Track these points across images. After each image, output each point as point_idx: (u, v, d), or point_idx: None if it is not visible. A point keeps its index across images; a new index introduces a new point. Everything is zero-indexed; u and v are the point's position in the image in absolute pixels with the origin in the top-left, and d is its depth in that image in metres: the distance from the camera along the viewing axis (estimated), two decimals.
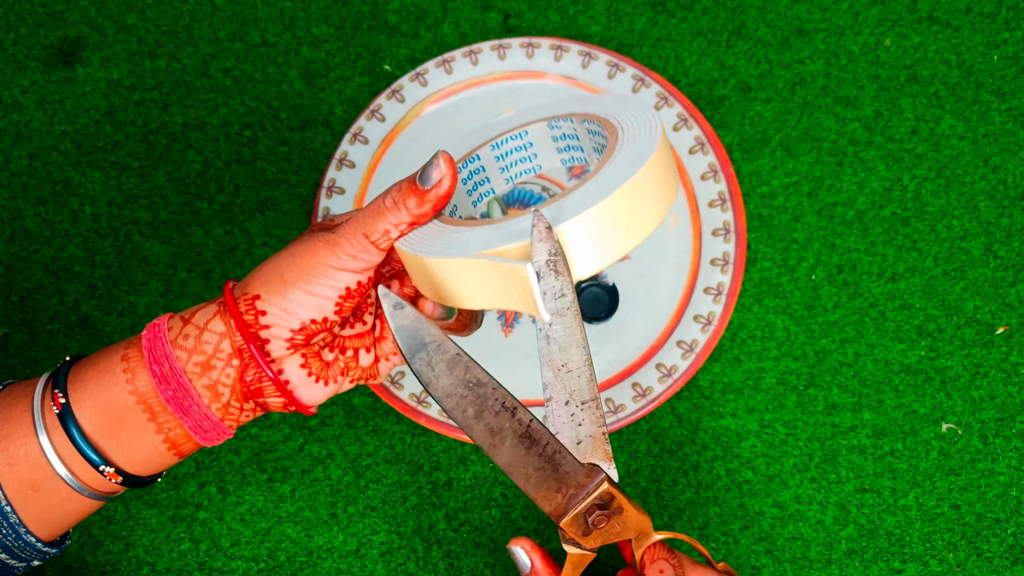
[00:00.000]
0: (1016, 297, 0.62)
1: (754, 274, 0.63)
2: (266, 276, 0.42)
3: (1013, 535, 0.58)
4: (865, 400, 0.61)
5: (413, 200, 0.41)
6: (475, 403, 0.40)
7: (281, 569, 0.59)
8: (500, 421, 0.40)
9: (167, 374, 0.41)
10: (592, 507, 0.41)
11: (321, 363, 0.44)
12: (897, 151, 0.66)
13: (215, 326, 0.41)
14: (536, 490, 0.41)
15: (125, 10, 0.70)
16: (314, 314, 0.41)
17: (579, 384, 0.41)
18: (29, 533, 0.43)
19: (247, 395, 0.42)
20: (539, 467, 0.41)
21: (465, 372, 0.40)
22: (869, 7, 0.69)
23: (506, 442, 0.40)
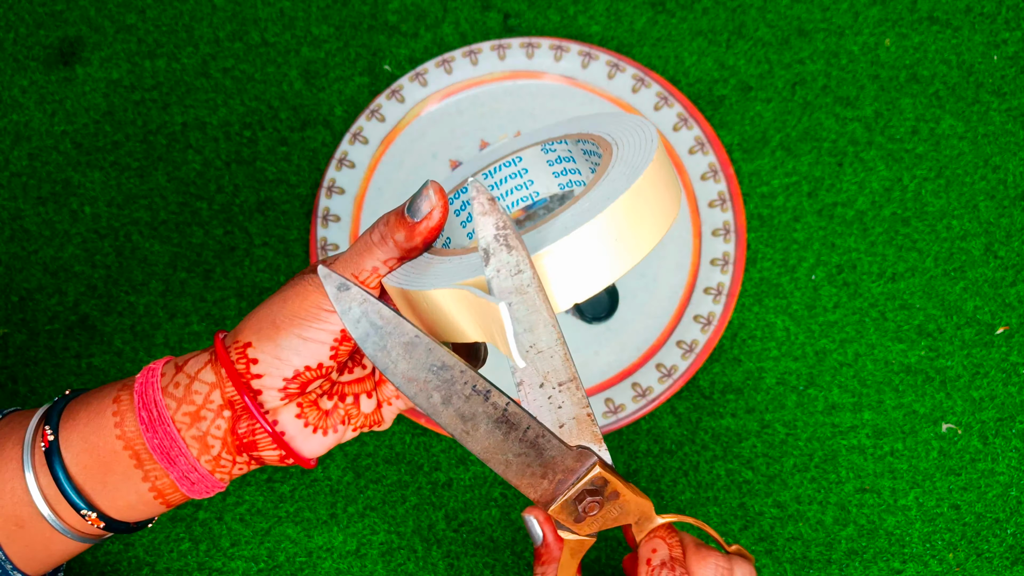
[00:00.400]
0: (1016, 297, 0.62)
1: (754, 274, 0.63)
2: (258, 323, 0.39)
3: (1013, 535, 0.58)
4: (865, 400, 0.61)
5: (402, 234, 0.39)
6: (441, 388, 0.36)
7: (281, 569, 0.59)
8: (472, 406, 0.37)
9: (154, 421, 0.39)
10: (583, 493, 0.38)
11: (319, 412, 0.41)
12: (897, 151, 0.66)
13: (205, 376, 0.39)
14: (518, 477, 0.38)
15: (125, 10, 0.70)
16: (308, 360, 0.39)
17: (553, 364, 0.38)
18: (16, 569, 0.42)
19: (240, 448, 0.40)
20: (520, 452, 0.38)
21: (427, 355, 0.36)
22: (869, 7, 0.69)
23: (480, 428, 0.37)
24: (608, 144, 0.42)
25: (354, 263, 0.39)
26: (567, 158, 0.46)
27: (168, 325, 0.64)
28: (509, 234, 0.36)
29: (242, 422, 0.39)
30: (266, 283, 0.64)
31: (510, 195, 0.48)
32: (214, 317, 0.64)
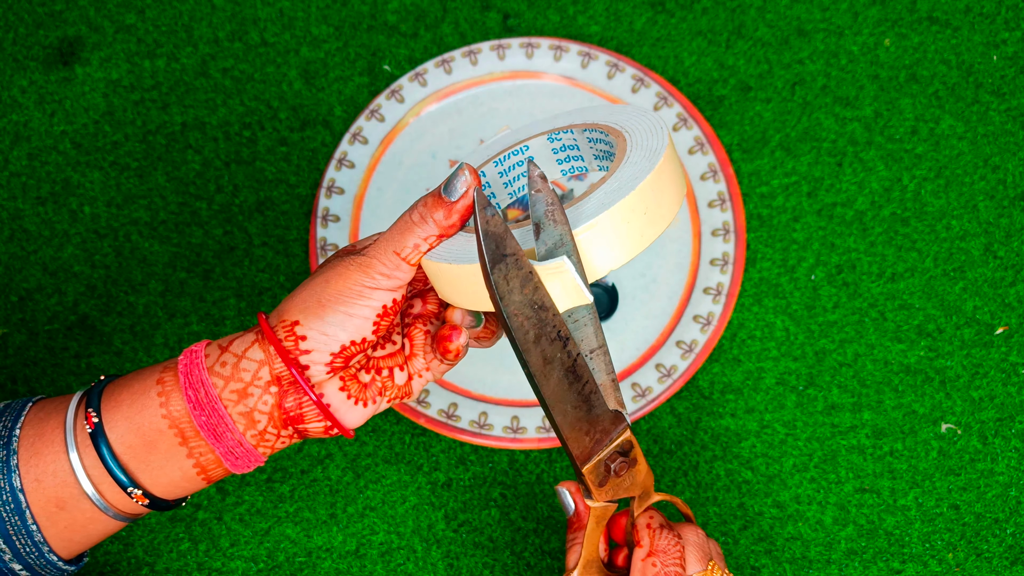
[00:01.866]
0: (1015, 297, 0.62)
1: (753, 274, 0.63)
2: (303, 302, 0.42)
3: (1012, 535, 0.58)
4: (864, 400, 0.61)
5: (441, 213, 0.42)
6: (537, 326, 0.39)
7: (280, 569, 0.59)
8: (554, 350, 0.40)
9: (202, 400, 0.41)
10: (614, 454, 0.42)
11: (359, 385, 0.44)
12: (897, 151, 0.66)
13: (253, 354, 0.42)
14: (570, 430, 0.41)
15: (124, 10, 0.70)
16: (354, 335, 0.42)
17: (586, 333, 0.41)
18: (52, 552, 0.43)
19: (286, 422, 0.42)
20: (576, 405, 0.41)
21: (533, 292, 0.39)
22: (869, 7, 0.69)
23: (555, 373, 0.40)
24: (619, 132, 0.45)
25: (396, 242, 0.42)
26: (571, 146, 0.49)
27: (167, 325, 0.64)
28: (556, 210, 0.40)
29: (289, 397, 0.42)
30: (265, 283, 0.64)
31: (517, 181, 0.50)
32: (213, 317, 0.64)
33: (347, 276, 0.42)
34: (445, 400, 0.61)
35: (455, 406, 0.61)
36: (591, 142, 0.48)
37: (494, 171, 0.49)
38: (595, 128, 0.47)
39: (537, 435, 0.59)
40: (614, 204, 0.40)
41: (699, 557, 0.43)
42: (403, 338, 0.46)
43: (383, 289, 0.42)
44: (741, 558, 0.58)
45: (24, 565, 0.43)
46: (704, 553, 0.43)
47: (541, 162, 0.50)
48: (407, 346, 0.46)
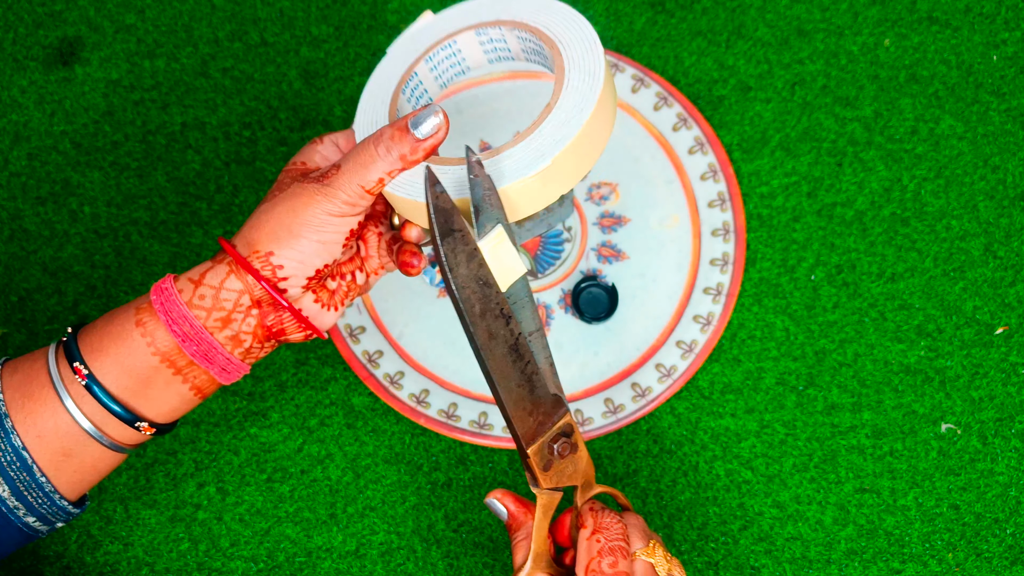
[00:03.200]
0: (1015, 297, 0.62)
1: (753, 274, 0.63)
2: (273, 232, 0.45)
3: (1012, 535, 0.58)
4: (864, 400, 0.61)
5: (407, 148, 0.44)
6: (482, 301, 0.41)
7: (280, 569, 0.59)
8: (498, 326, 0.42)
9: (189, 333, 0.44)
10: (557, 435, 0.43)
11: (329, 293, 0.48)
12: (897, 151, 0.66)
13: (232, 284, 0.44)
14: (515, 407, 0.42)
15: (124, 10, 0.70)
16: (327, 259, 0.46)
17: (524, 315, 0.44)
18: (63, 498, 0.46)
19: (268, 336, 0.46)
20: (520, 384, 0.42)
21: (478, 268, 0.41)
22: (868, 7, 0.69)
23: (499, 348, 0.42)
24: (552, 42, 0.48)
25: (360, 175, 0.44)
26: (499, 40, 0.51)
27: None
28: (492, 194, 0.44)
29: (270, 316, 0.46)
30: None
31: (445, 73, 0.53)
32: None
33: (314, 205, 0.44)
34: (445, 400, 0.61)
35: (455, 406, 0.61)
36: (521, 40, 0.50)
37: (426, 68, 0.51)
38: (525, 30, 0.49)
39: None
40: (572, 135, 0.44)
41: (640, 536, 0.44)
42: (358, 242, 0.50)
43: (348, 215, 0.45)
44: (741, 558, 0.58)
45: (38, 516, 0.46)
46: (645, 533, 0.45)
47: (469, 54, 0.52)
48: (362, 248, 0.50)
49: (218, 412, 0.62)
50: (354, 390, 0.62)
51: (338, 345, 0.62)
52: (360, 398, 0.62)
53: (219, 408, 0.62)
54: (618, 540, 0.43)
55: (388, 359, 0.62)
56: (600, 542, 0.43)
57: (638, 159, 0.66)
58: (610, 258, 0.64)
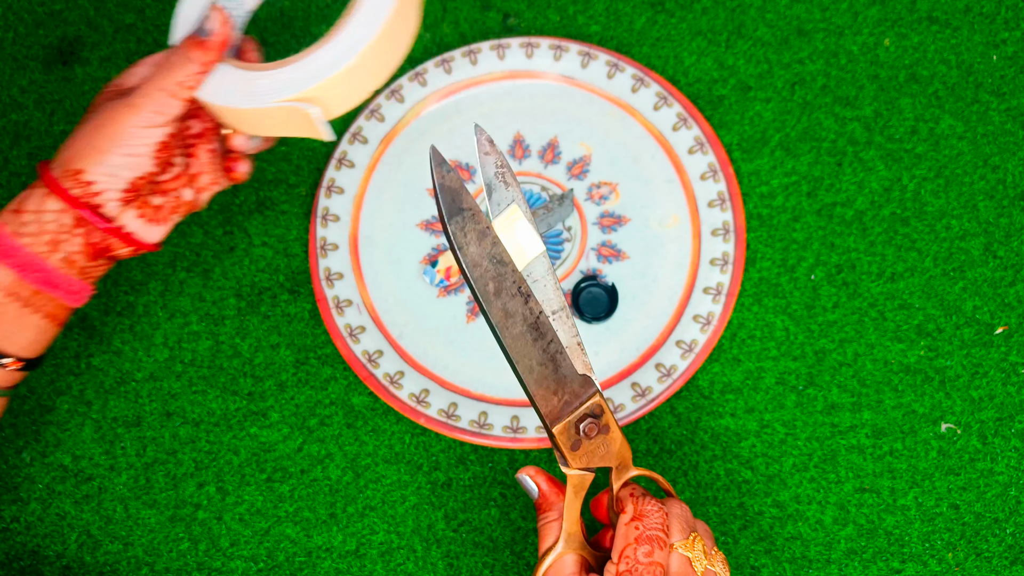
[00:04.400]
0: (1015, 297, 0.62)
1: (753, 274, 0.63)
2: (80, 150, 0.46)
3: (1012, 535, 0.58)
4: (864, 400, 0.61)
5: (198, 52, 0.48)
6: (496, 280, 0.41)
7: (280, 569, 0.59)
8: (515, 304, 0.41)
9: (26, 266, 0.46)
10: (584, 416, 0.42)
11: (152, 208, 0.50)
12: (896, 151, 0.66)
13: (51, 205, 0.46)
14: (537, 386, 0.42)
15: (124, 10, 0.70)
16: (136, 172, 0.47)
17: (546, 293, 0.43)
18: None
19: (97, 254, 0.48)
20: (542, 363, 0.42)
21: (492, 246, 0.41)
22: (868, 7, 0.69)
23: (517, 326, 0.41)
24: None
25: (161, 82, 0.47)
26: None
27: (167, 324, 0.64)
28: (506, 172, 0.43)
29: (95, 234, 0.47)
30: (265, 283, 0.64)
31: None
32: (213, 317, 0.64)
33: (119, 119, 0.46)
34: (445, 400, 0.61)
35: (455, 406, 0.61)
36: None
37: None
38: None
39: (537, 435, 0.59)
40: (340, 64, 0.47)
41: (681, 527, 0.43)
42: (187, 158, 0.51)
43: (155, 126, 0.47)
44: (741, 558, 0.58)
45: None
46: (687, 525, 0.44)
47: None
48: (193, 165, 0.52)
49: (218, 412, 0.62)
50: (354, 390, 0.62)
51: (338, 345, 0.62)
52: (360, 398, 0.62)
53: (219, 408, 0.62)
54: (657, 530, 0.42)
55: (388, 359, 0.62)
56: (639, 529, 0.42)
57: (638, 159, 0.66)
58: (610, 258, 0.64)
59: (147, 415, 0.62)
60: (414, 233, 0.65)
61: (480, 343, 0.62)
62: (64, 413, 0.62)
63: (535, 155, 0.66)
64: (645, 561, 0.41)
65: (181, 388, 0.62)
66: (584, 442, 0.43)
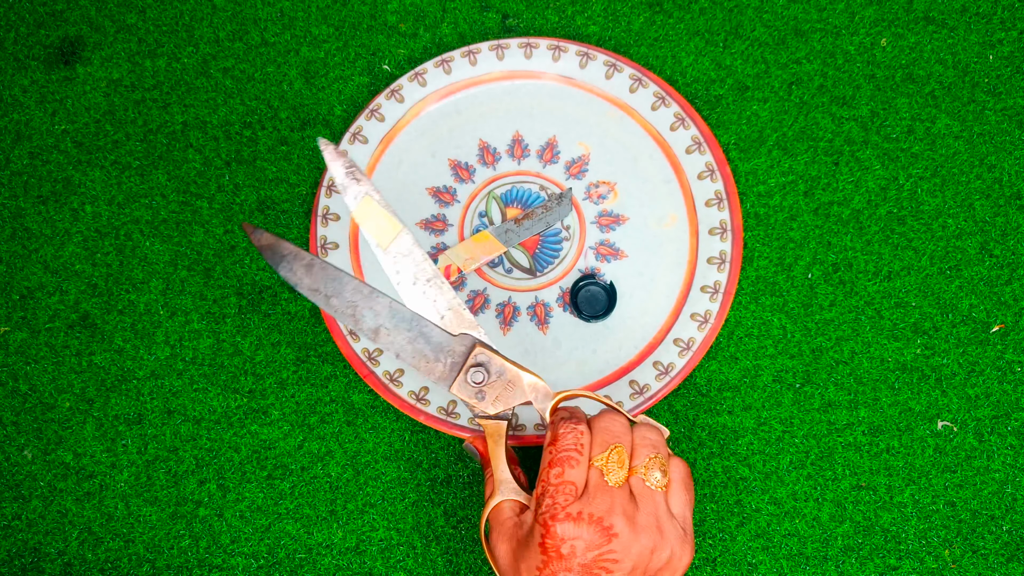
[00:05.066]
0: (1011, 295, 0.63)
1: (751, 272, 0.64)
2: None
3: (1008, 532, 0.58)
4: (861, 398, 0.61)
5: None
6: (336, 294, 0.46)
7: (281, 566, 0.59)
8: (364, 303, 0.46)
9: None
10: (471, 367, 0.46)
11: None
12: (893, 150, 0.66)
13: None
14: (416, 361, 0.46)
15: (125, 10, 0.71)
16: None
17: (416, 262, 0.46)
18: None
19: None
20: (410, 340, 0.46)
21: (323, 271, 0.46)
22: (865, 7, 0.69)
23: (373, 321, 0.45)
24: None
25: None
26: None
27: (168, 323, 0.64)
28: (355, 170, 0.47)
29: None
30: (266, 281, 0.65)
31: None
32: (214, 315, 0.64)
33: None
34: (444, 398, 0.61)
35: (454, 404, 0.61)
36: None
37: None
38: None
39: (536, 432, 0.59)
40: None
41: (603, 442, 0.43)
42: None
43: None
44: (738, 554, 0.59)
45: None
46: (611, 438, 0.44)
47: None
48: None
49: (219, 409, 0.62)
50: (354, 387, 0.62)
51: (338, 343, 0.62)
52: (360, 395, 0.62)
53: (220, 405, 0.62)
54: (569, 450, 0.43)
55: (388, 357, 0.62)
56: (552, 453, 0.43)
57: (636, 158, 0.66)
58: (608, 257, 0.64)
59: (148, 413, 0.62)
60: (413, 232, 0.65)
61: None
62: (65, 411, 0.62)
63: (534, 155, 0.67)
64: (556, 482, 0.42)
65: (182, 386, 0.63)
66: (485, 389, 0.46)
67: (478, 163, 0.67)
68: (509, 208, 0.65)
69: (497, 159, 0.67)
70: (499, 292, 0.64)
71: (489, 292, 0.64)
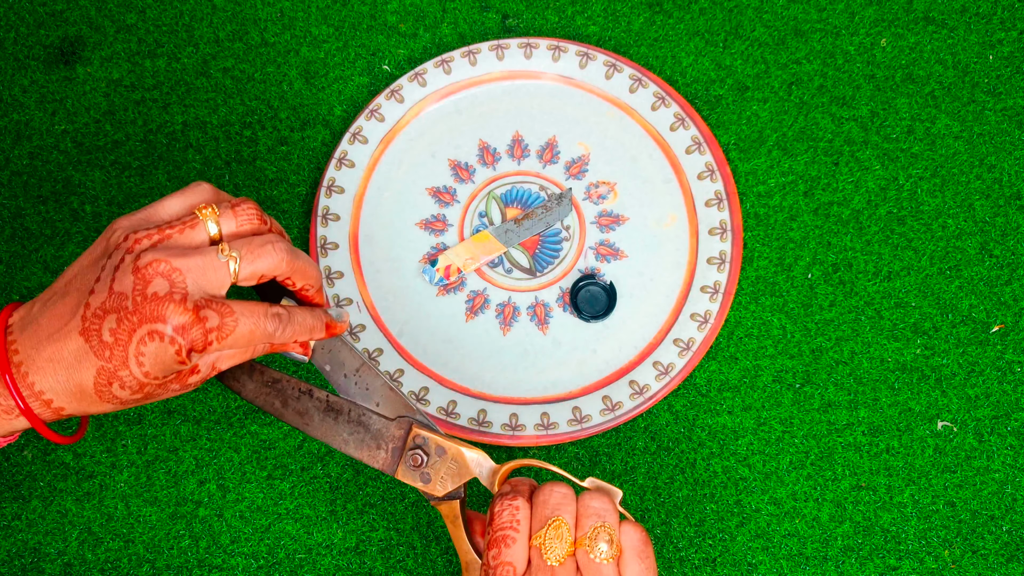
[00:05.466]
0: (1011, 295, 0.63)
1: (750, 273, 0.64)
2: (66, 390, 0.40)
3: (1008, 532, 0.58)
4: (861, 398, 0.61)
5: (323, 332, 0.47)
6: (279, 396, 0.47)
7: (280, 566, 0.59)
8: (302, 404, 0.47)
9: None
10: (410, 448, 0.47)
11: None
12: (893, 150, 0.66)
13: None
14: (358, 451, 0.46)
15: (125, 10, 0.71)
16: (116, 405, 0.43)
17: (345, 357, 0.48)
18: None
19: None
20: (352, 431, 0.47)
21: (262, 375, 0.48)
22: (865, 7, 0.69)
23: (314, 418, 0.47)
24: None
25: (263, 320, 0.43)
26: None
27: None
28: None
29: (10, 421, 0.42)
30: None
31: None
32: None
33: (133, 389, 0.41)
34: (444, 398, 0.61)
35: (454, 403, 0.61)
36: None
37: None
38: None
39: (535, 432, 0.60)
40: None
41: (540, 517, 0.41)
42: None
43: None
44: (738, 554, 0.59)
45: None
46: (549, 511, 0.41)
47: None
48: None
49: (219, 409, 0.62)
50: None
51: None
52: None
53: (219, 406, 0.62)
54: (504, 528, 0.41)
55: (388, 357, 0.62)
56: (489, 534, 0.42)
57: (636, 158, 0.66)
58: (608, 257, 0.64)
59: (148, 413, 0.62)
60: (413, 232, 0.65)
61: (479, 341, 0.63)
62: None
63: (534, 155, 0.67)
64: (494, 563, 0.41)
65: None
66: (428, 471, 0.46)
67: (478, 163, 0.67)
68: (509, 208, 0.65)
69: (497, 159, 0.67)
70: (499, 292, 0.64)
71: (489, 292, 0.64)
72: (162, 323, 0.39)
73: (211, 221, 0.42)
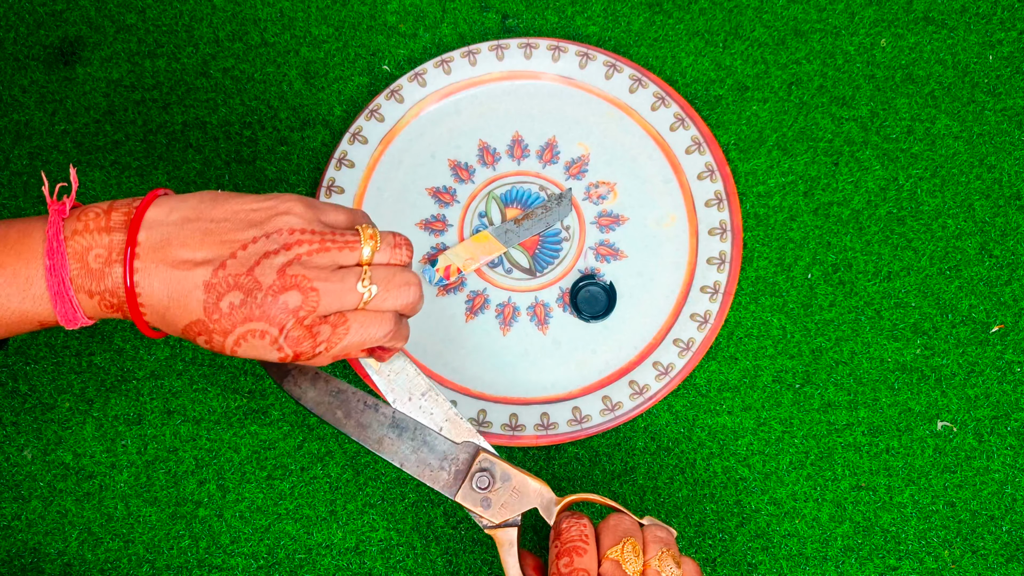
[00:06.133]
0: (1011, 296, 0.63)
1: (750, 273, 0.64)
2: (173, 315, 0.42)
3: (1008, 532, 0.58)
4: (861, 398, 0.61)
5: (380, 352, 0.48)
6: (341, 406, 0.48)
7: (280, 566, 0.59)
8: (366, 417, 0.48)
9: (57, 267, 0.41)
10: (475, 473, 0.47)
11: None
12: (893, 151, 0.66)
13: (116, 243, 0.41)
14: (420, 470, 0.47)
15: (125, 10, 0.71)
16: None
17: (409, 380, 0.48)
18: None
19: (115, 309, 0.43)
20: (414, 449, 0.47)
21: (326, 384, 0.48)
22: (865, 7, 0.69)
23: (376, 433, 0.47)
24: None
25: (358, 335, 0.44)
26: None
27: None
28: None
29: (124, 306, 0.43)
30: None
31: None
32: None
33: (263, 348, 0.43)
34: None
35: (454, 404, 0.61)
36: None
37: None
38: None
39: (535, 432, 0.60)
40: None
41: (613, 536, 0.43)
42: None
43: None
44: (738, 555, 0.59)
45: None
46: (622, 533, 0.44)
47: None
48: None
49: (219, 410, 0.62)
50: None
51: None
52: None
53: (219, 406, 0.62)
54: (575, 541, 0.43)
55: None
56: (558, 546, 0.43)
57: (636, 159, 0.66)
58: (608, 257, 0.64)
59: (148, 413, 0.62)
60: (413, 233, 0.65)
61: (479, 341, 0.63)
62: (65, 411, 0.62)
63: (533, 155, 0.67)
64: (566, 571, 0.42)
65: (182, 386, 0.63)
66: (490, 496, 0.46)
67: (478, 163, 0.67)
68: (509, 208, 0.65)
69: (497, 159, 0.67)
70: (499, 292, 0.64)
71: (489, 292, 0.64)
72: (277, 330, 0.41)
73: (368, 248, 0.43)
